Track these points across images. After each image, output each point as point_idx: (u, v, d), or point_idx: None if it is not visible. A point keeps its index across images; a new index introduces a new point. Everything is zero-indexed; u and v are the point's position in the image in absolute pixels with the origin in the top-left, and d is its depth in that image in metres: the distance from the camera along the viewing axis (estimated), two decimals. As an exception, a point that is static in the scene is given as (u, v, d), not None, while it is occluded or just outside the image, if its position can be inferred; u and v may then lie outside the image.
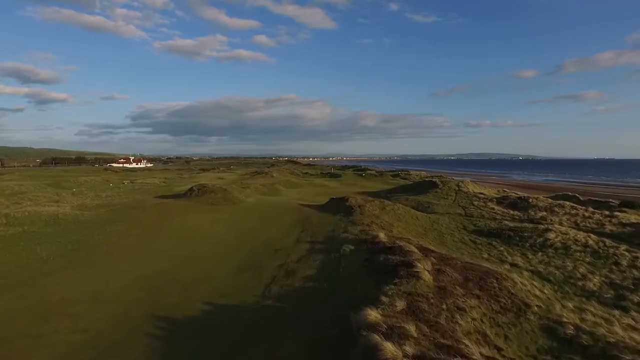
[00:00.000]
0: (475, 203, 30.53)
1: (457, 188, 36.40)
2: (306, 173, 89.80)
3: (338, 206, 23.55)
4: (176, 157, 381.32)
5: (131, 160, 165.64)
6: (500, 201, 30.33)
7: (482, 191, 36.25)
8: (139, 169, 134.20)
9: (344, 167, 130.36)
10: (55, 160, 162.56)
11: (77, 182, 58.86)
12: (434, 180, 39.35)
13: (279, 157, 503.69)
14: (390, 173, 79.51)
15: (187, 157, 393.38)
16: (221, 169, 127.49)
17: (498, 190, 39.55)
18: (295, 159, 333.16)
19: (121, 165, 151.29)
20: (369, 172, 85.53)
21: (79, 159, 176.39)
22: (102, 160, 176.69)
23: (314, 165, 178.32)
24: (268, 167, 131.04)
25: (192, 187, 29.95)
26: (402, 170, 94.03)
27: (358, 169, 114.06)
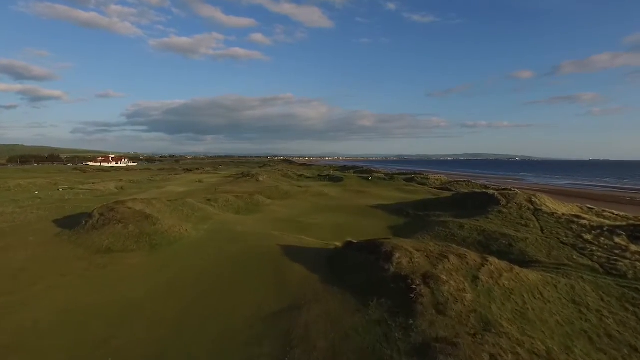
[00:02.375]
0: (588, 238, 17.69)
1: (531, 206, 23.65)
2: (301, 175, 76.48)
3: (368, 270, 10.43)
4: (169, 156, 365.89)
5: (110, 159, 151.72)
6: (632, 234, 17.53)
7: (572, 212, 23.50)
8: (116, 168, 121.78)
9: (344, 168, 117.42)
10: (22, 158, 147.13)
11: (5, 188, 45.30)
12: (489, 192, 26.43)
13: (275, 156, 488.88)
14: (403, 176, 65.97)
15: (180, 156, 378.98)
16: (206, 169, 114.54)
17: (582, 208, 26.81)
18: (291, 159, 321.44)
19: (98, 164, 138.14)
20: (375, 174, 72.12)
21: (52, 157, 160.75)
22: (77, 159, 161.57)
23: (310, 165, 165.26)
24: (259, 168, 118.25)
25: (92, 212, 16.72)
26: (416, 172, 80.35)
27: (360, 170, 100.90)
